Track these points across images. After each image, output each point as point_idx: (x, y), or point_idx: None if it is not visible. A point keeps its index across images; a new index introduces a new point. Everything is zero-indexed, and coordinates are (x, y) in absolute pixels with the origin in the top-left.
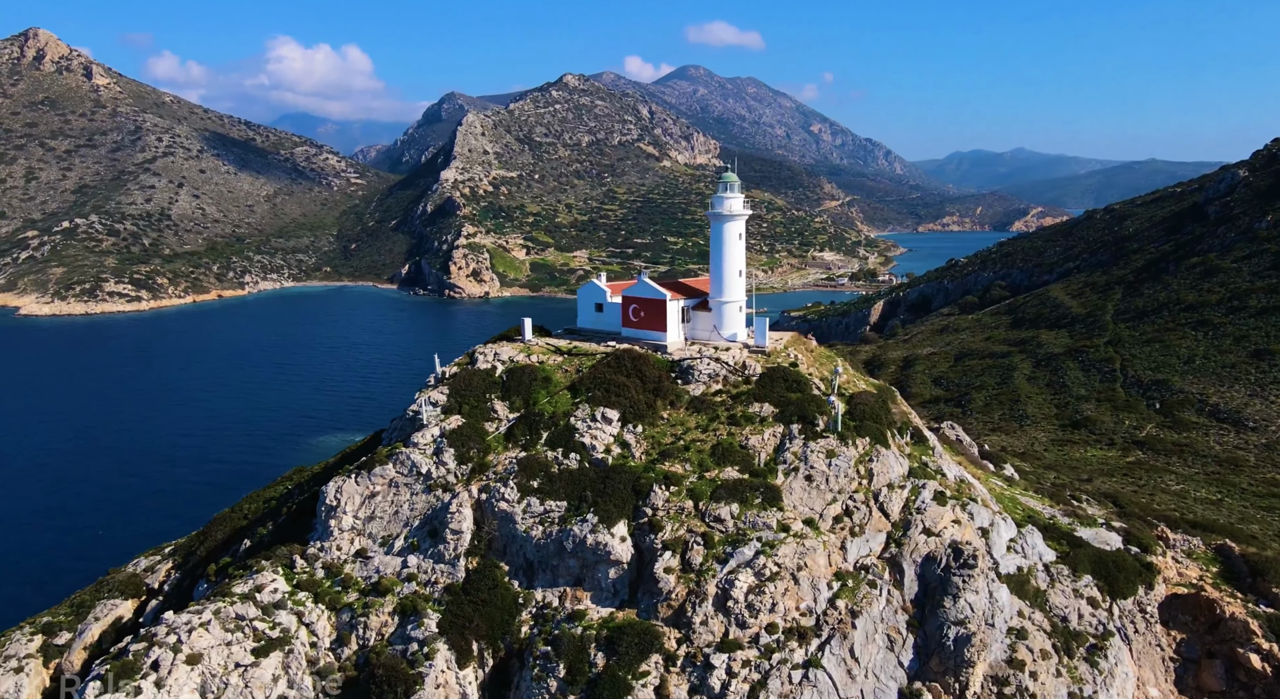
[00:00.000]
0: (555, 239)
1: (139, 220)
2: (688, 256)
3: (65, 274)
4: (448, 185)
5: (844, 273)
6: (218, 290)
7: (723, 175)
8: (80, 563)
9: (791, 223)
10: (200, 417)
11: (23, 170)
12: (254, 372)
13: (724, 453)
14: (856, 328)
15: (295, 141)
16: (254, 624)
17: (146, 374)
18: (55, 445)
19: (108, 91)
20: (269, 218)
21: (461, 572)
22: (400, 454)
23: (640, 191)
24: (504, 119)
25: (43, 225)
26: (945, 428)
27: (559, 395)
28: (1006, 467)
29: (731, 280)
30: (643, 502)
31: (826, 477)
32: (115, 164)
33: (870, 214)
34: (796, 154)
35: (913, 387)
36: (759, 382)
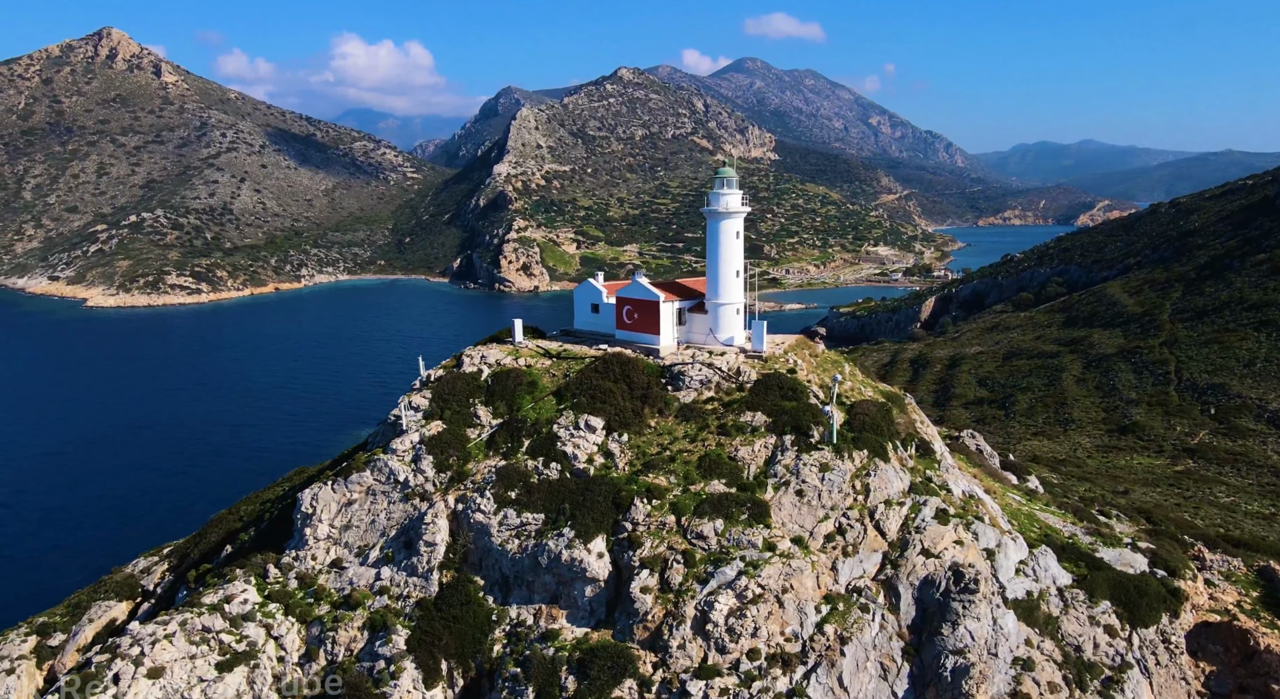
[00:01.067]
0: (606, 233)
1: (202, 214)
2: None
3: (130, 267)
4: (500, 179)
5: (898, 268)
6: (274, 283)
7: (719, 170)
8: (98, 560)
9: (846, 217)
10: (247, 409)
11: (94, 166)
12: (301, 364)
13: (711, 465)
14: (906, 325)
15: (354, 136)
16: (220, 637)
17: (197, 365)
18: (101, 433)
19: (175, 89)
20: (327, 212)
21: (435, 586)
22: (378, 461)
23: (693, 185)
24: (558, 113)
25: (111, 219)
26: (965, 437)
27: (544, 401)
28: (1031, 479)
29: (728, 281)
30: (623, 516)
31: (819, 492)
32: (181, 159)
33: (928, 208)
34: (854, 147)
35: (956, 387)
36: (753, 389)
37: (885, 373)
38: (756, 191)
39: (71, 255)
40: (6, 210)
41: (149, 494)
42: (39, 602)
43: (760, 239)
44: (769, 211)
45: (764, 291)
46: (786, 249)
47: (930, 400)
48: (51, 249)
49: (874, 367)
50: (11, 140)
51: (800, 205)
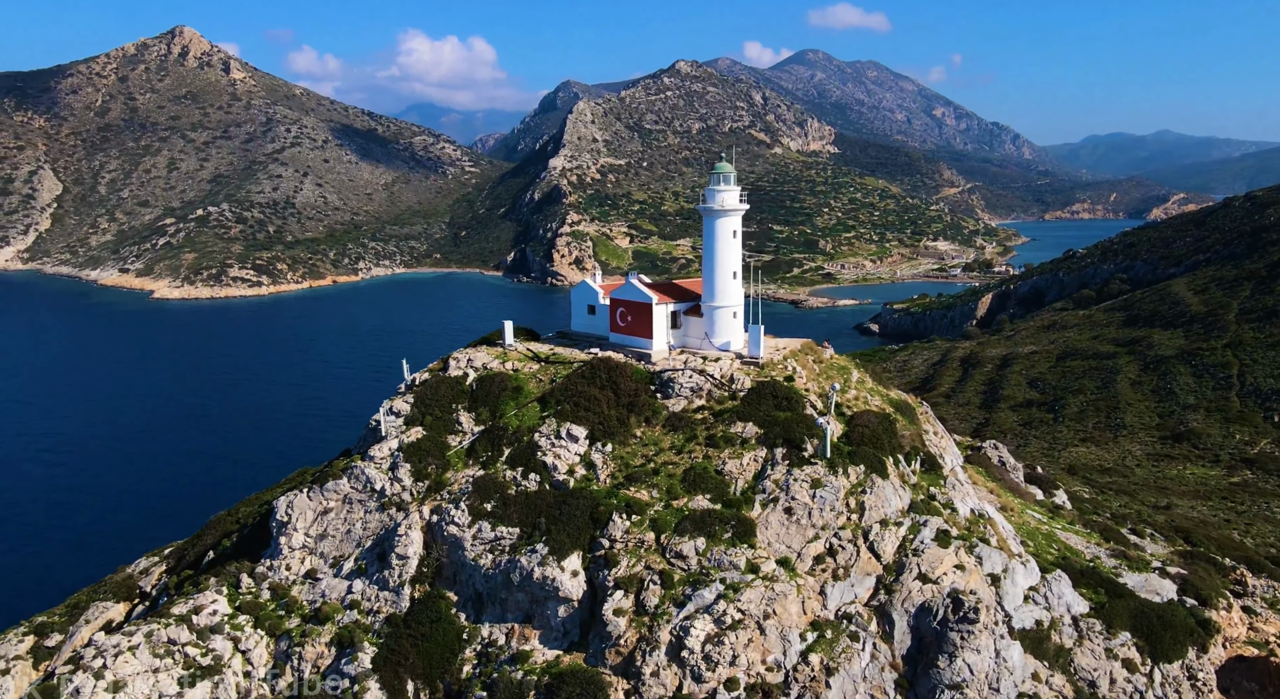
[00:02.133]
0: (659, 227)
1: (265, 208)
2: (793, 245)
3: (196, 260)
4: (555, 173)
5: (957, 263)
6: (332, 276)
7: (716, 166)
8: (119, 555)
9: (905, 211)
10: (292, 401)
11: (165, 161)
12: (352, 356)
13: (696, 479)
14: (961, 322)
15: (414, 131)
16: (186, 650)
17: (250, 356)
18: (146, 422)
19: (243, 85)
20: (386, 205)
21: (406, 601)
22: (355, 468)
23: (749, 179)
24: (614, 106)
25: (180, 213)
26: (988, 448)
27: (528, 408)
28: (1058, 494)
29: (725, 283)
30: (600, 532)
31: (809, 510)
32: (247, 154)
33: (992, 201)
34: (917, 139)
35: (1005, 388)
36: (745, 398)
37: (934, 372)
38: (814, 185)
39: (141, 248)
40: (83, 204)
41: (182, 487)
42: (68, 592)
43: (816, 233)
44: (826, 205)
45: (817, 287)
46: (842, 243)
47: (978, 402)
48: (123, 242)
49: (923, 365)
50: (89, 136)
51: (858, 199)
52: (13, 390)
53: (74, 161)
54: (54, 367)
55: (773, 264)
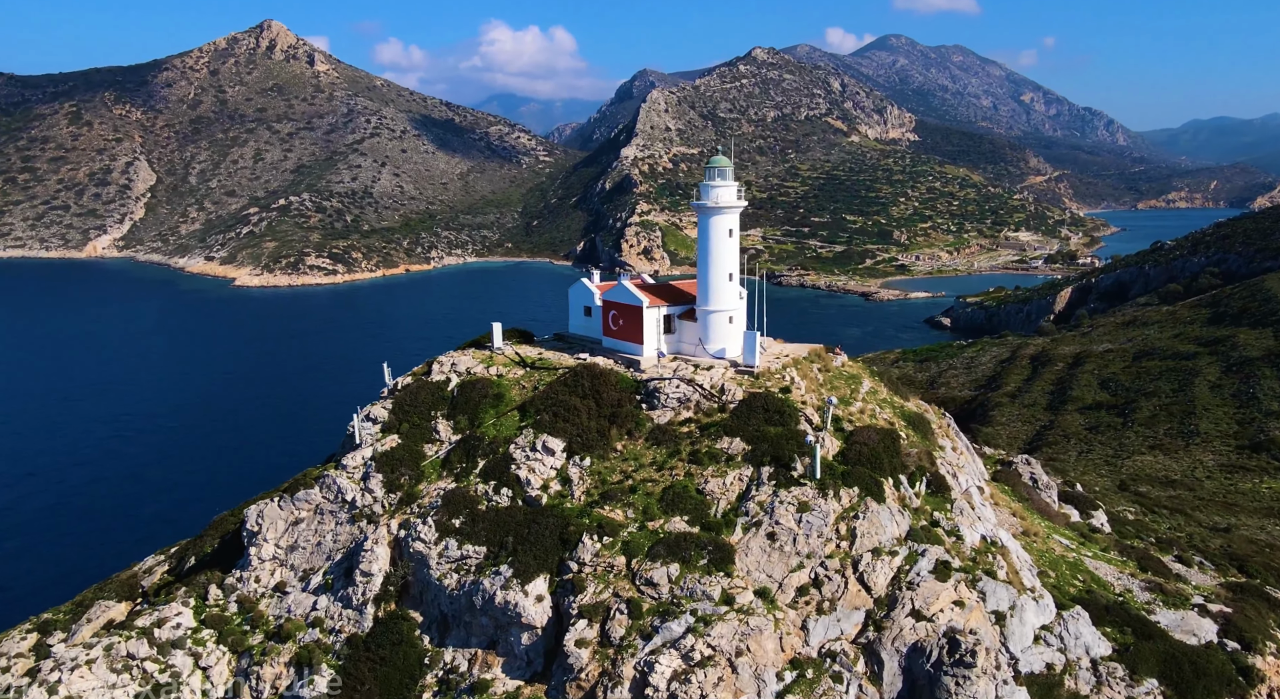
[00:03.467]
0: None
1: (344, 198)
2: (866, 236)
3: (276, 248)
4: (627, 162)
5: (1039, 255)
6: (405, 265)
7: (711, 159)
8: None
9: (986, 200)
10: (359, 389)
11: (252, 152)
12: (421, 344)
13: (675, 498)
14: (1037, 317)
15: (490, 121)
16: (145, 665)
17: (316, 342)
18: (205, 407)
19: (326, 77)
20: (460, 195)
21: (369, 620)
22: (327, 477)
23: (824, 168)
24: (689, 95)
25: (263, 203)
26: (1019, 463)
27: (508, 417)
28: (1096, 514)
29: (720, 285)
30: (570, 554)
31: (794, 536)
32: (329, 145)
33: (1081, 190)
34: (1003, 126)
35: (1074, 388)
36: (735, 411)
37: (1001, 369)
38: (890, 174)
39: (225, 237)
40: (174, 194)
41: (223, 476)
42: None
43: (890, 224)
44: (902, 195)
45: (890, 279)
46: (918, 234)
47: (1044, 403)
48: (210, 231)
49: (991, 362)
50: (181, 129)
51: (937, 188)
52: (98, 376)
53: (167, 153)
54: (134, 353)
55: (844, 255)
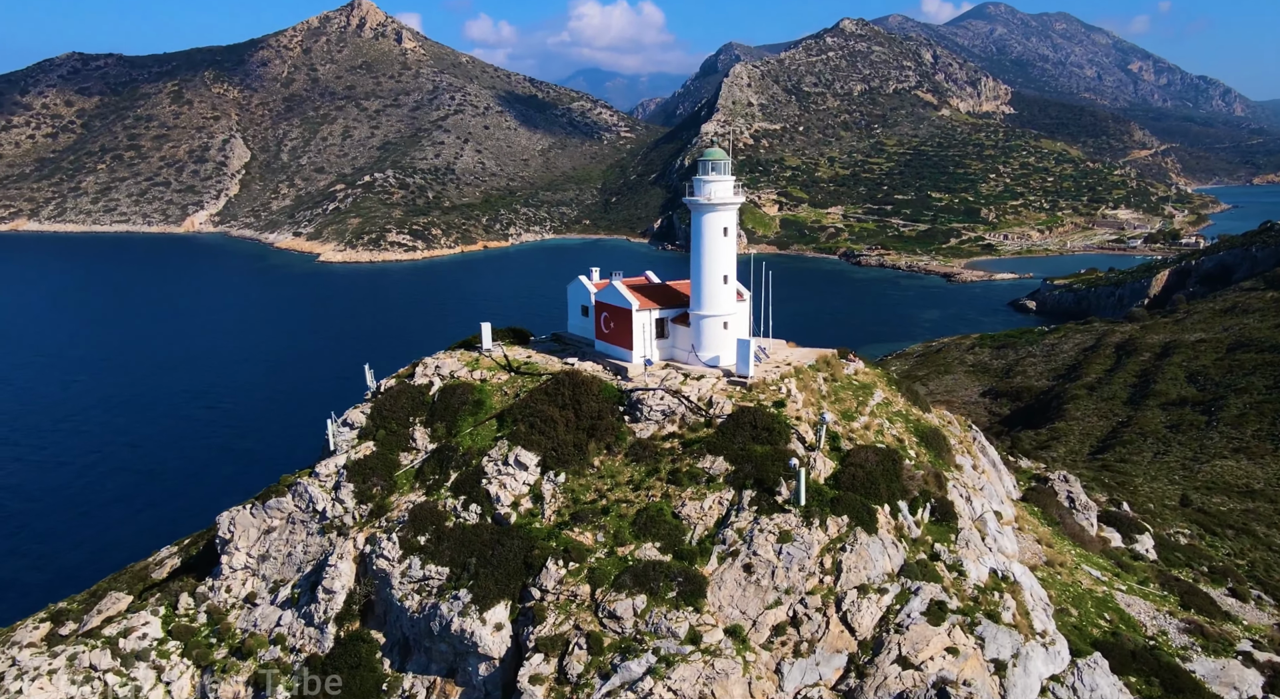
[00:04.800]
0: (810, 194)
1: (426, 174)
2: (952, 214)
3: (360, 224)
4: (707, 138)
5: (1138, 234)
6: (484, 241)
7: (705, 152)
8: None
9: (1083, 176)
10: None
11: (340, 129)
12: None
13: (648, 522)
14: (1130, 301)
15: (573, 97)
16: (107, 677)
17: (403, 317)
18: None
19: (413, 54)
20: (541, 171)
21: (329, 640)
22: (299, 485)
23: (911, 143)
24: (773, 69)
25: (350, 179)
26: (1056, 481)
27: (485, 426)
28: (1142, 538)
29: (713, 289)
30: (533, 579)
31: (772, 568)
32: (414, 122)
33: (1191, 164)
34: (1107, 97)
35: (1158, 382)
36: (721, 426)
37: (1083, 358)
38: (981, 149)
39: (313, 213)
40: (267, 171)
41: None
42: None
43: (978, 202)
44: (992, 171)
45: (975, 259)
46: (1007, 212)
47: (1123, 396)
48: (299, 207)
49: (1073, 350)
50: (275, 107)
51: (1030, 164)
52: (184, 348)
53: (261, 130)
54: (220, 326)
55: (928, 234)
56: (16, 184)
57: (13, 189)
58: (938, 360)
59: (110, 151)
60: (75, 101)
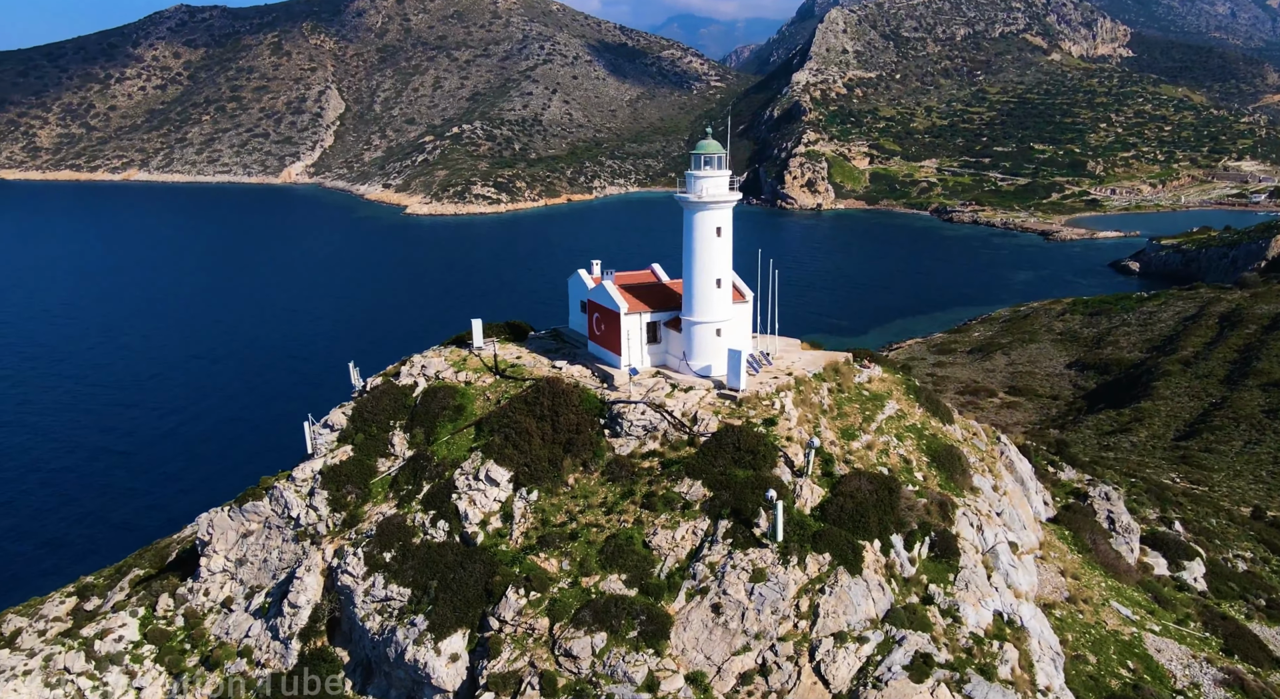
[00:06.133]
0: (904, 147)
1: (514, 126)
2: (1055, 167)
3: (446, 177)
4: (798, 88)
5: (1263, 188)
6: (567, 194)
7: (699, 144)
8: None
9: (1205, 124)
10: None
11: (431, 80)
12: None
13: (617, 551)
14: (1244, 264)
15: (664, 45)
16: (79, 680)
17: (490, 273)
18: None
19: (504, 3)
20: (628, 122)
21: (293, 656)
22: (276, 490)
23: (1016, 91)
24: (870, 13)
25: (438, 131)
26: (1096, 498)
27: (462, 435)
28: (1191, 565)
29: (705, 293)
30: (493, 608)
31: (743, 610)
32: (503, 72)
33: None
34: (1240, 36)
35: (1262, 359)
36: (704, 446)
37: (1182, 329)
38: (1093, 96)
39: (402, 165)
40: (360, 122)
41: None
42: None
43: (1085, 154)
44: (1103, 120)
45: (1077, 216)
46: (1117, 165)
47: (1221, 373)
48: (389, 158)
49: (1172, 319)
50: (369, 58)
51: (1146, 112)
52: (267, 299)
53: (356, 81)
54: (303, 280)
55: (1028, 189)
56: (129, 135)
57: (125, 140)
58: (1024, 327)
59: (214, 103)
60: (182, 53)
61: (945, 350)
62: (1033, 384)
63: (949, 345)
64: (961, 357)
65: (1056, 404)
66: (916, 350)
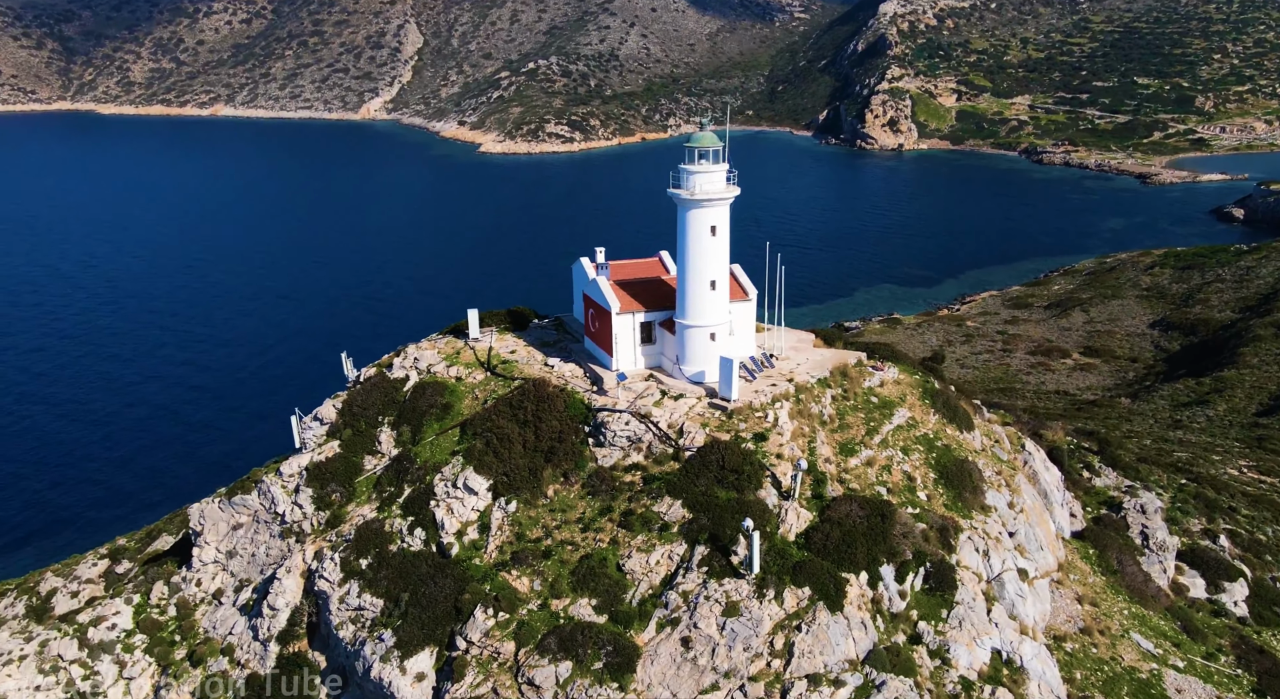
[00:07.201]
0: (995, 82)
1: (590, 61)
2: (1159, 103)
3: (521, 114)
4: (884, 20)
5: None
6: (642, 133)
7: (692, 136)
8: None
9: None
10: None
11: (509, 12)
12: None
13: (589, 573)
14: None
15: None
16: (71, 668)
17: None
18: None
19: None
20: (707, 57)
21: (271, 659)
22: (264, 484)
23: (1122, 19)
24: None
25: (514, 66)
26: (1131, 511)
27: (447, 435)
28: (1233, 587)
29: (699, 295)
30: (461, 627)
31: (714, 645)
32: (580, 4)
33: None
34: None
35: None
36: (687, 463)
37: (1276, 291)
38: (1208, 24)
39: (477, 101)
40: (438, 57)
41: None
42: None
43: (1194, 88)
44: (1218, 51)
45: (1180, 156)
46: (1229, 100)
47: None
48: (465, 95)
49: (1271, 276)
50: None
51: (1269, 41)
52: (333, 240)
53: (434, 15)
54: (377, 222)
55: (1128, 127)
56: (215, 70)
57: (212, 75)
58: (1107, 281)
59: (296, 38)
60: None
61: (1020, 305)
62: (1111, 344)
63: (1025, 299)
64: (1037, 312)
65: (1134, 368)
66: (990, 304)
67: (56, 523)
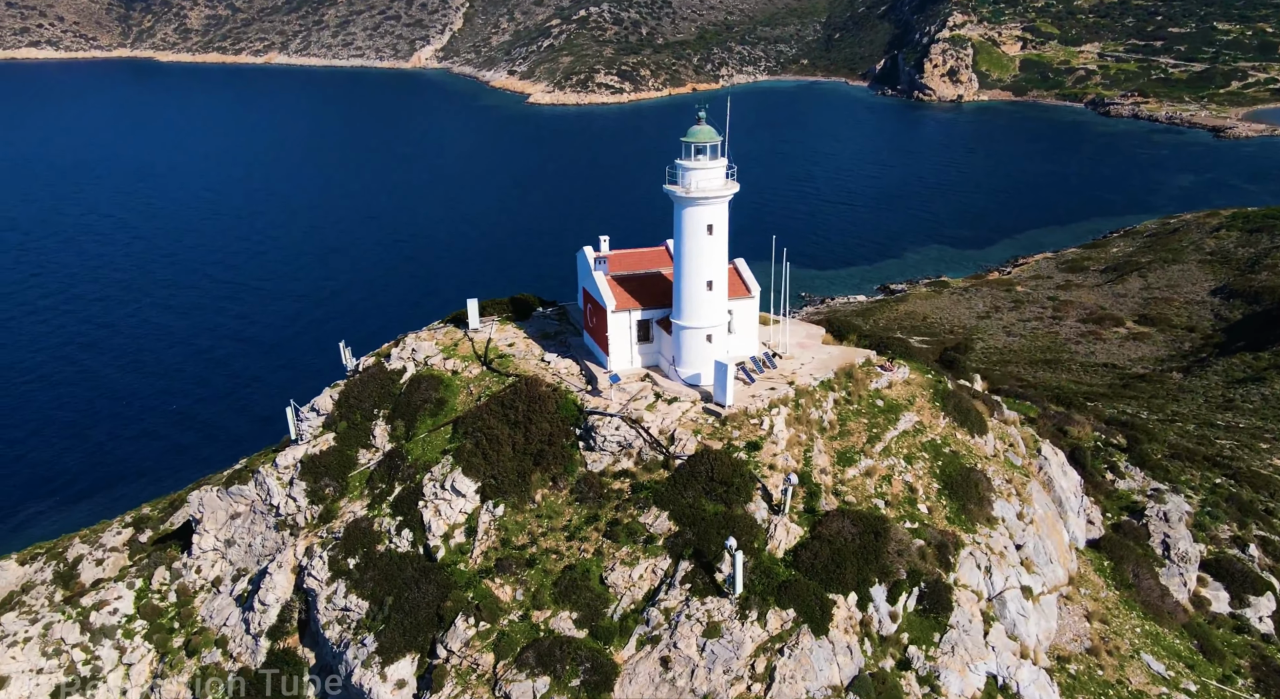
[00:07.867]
0: (1063, 29)
1: (641, 8)
2: (1240, 50)
3: (570, 64)
4: None
5: None
6: (692, 83)
7: (689, 131)
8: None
9: None
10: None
11: None
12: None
13: (571, 585)
14: None
15: None
16: (73, 652)
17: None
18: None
19: None
20: (762, 3)
21: (262, 654)
22: (259, 474)
23: None
24: None
25: (565, 14)
26: (1153, 519)
27: (439, 432)
28: (1259, 602)
29: (695, 296)
30: (442, 635)
31: (693, 666)
32: None
33: None
34: None
35: None
36: (676, 471)
37: None
38: None
39: (527, 50)
40: (489, 4)
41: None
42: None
43: (1275, 35)
44: None
45: (1259, 108)
46: None
47: None
48: (516, 43)
49: None
50: None
51: None
52: (375, 196)
53: None
54: (419, 177)
55: (1203, 76)
56: (269, 17)
57: (266, 22)
58: (1169, 244)
59: None
60: None
61: (1076, 268)
62: (1168, 313)
63: (1081, 262)
64: (1093, 276)
65: (1190, 338)
66: (1043, 268)
67: (115, 477)
